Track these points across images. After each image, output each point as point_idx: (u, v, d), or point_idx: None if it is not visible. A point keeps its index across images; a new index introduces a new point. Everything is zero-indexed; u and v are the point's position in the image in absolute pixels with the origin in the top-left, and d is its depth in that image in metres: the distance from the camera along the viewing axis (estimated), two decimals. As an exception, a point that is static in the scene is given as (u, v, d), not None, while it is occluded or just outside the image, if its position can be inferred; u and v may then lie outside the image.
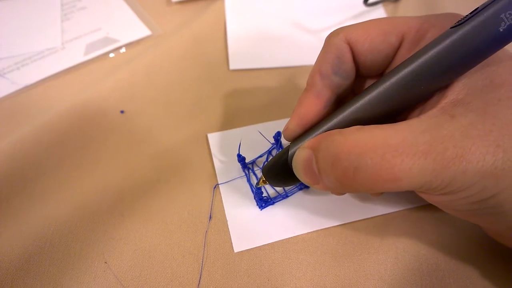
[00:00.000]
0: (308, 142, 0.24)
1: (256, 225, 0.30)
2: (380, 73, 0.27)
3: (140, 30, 0.46)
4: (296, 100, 0.38)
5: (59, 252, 0.29)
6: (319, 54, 0.27)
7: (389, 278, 0.28)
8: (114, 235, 0.30)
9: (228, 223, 0.30)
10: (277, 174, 0.28)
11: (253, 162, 0.34)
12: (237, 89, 0.40)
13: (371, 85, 0.23)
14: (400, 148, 0.19)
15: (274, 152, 0.34)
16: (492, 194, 0.20)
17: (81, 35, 0.45)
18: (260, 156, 0.34)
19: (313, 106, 0.26)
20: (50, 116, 0.36)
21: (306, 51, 0.44)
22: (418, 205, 0.31)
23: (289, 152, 0.26)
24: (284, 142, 0.35)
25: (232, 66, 0.42)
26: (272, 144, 0.34)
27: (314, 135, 0.25)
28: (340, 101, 0.27)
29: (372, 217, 0.31)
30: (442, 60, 0.20)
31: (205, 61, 0.43)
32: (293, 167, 0.25)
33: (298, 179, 0.25)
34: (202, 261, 0.29)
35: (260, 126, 0.36)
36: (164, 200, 0.32)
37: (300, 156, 0.24)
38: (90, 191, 0.32)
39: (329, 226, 0.30)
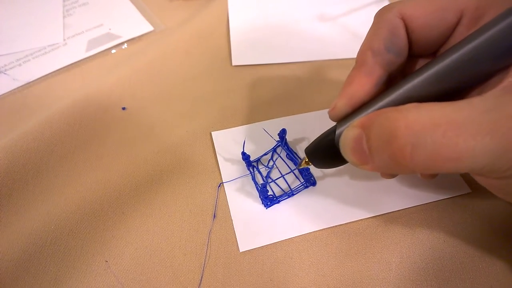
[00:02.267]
0: (358, 121, 0.22)
1: (262, 224, 0.30)
2: (433, 53, 0.26)
3: (142, 26, 0.46)
4: (300, 96, 0.38)
5: (60, 250, 0.29)
6: (369, 31, 0.25)
7: (393, 278, 0.27)
8: (115, 234, 0.30)
9: (233, 222, 0.30)
10: (322, 155, 0.27)
11: (258, 160, 0.33)
12: (240, 85, 0.40)
13: (429, 62, 0.22)
14: (463, 126, 0.18)
15: (279, 150, 0.34)
16: None
17: (83, 31, 0.45)
18: (265, 154, 0.33)
19: (363, 85, 0.24)
20: (51, 113, 0.36)
21: (310, 47, 0.43)
22: (423, 203, 0.31)
23: (336, 132, 0.25)
24: (289, 140, 0.34)
25: (235, 62, 0.42)
26: (277, 141, 0.34)
27: (364, 114, 0.24)
28: (389, 82, 0.26)
29: (376, 216, 0.30)
30: (505, 39, 0.19)
31: (207, 57, 0.43)
32: (340, 147, 0.24)
33: (344, 160, 0.24)
34: (205, 261, 0.28)
35: (264, 124, 0.36)
36: (166, 199, 0.32)
37: (349, 135, 0.22)
38: (92, 189, 0.32)
39: (333, 225, 0.30)
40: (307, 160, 0.28)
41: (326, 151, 0.26)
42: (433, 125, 0.19)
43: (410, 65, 0.27)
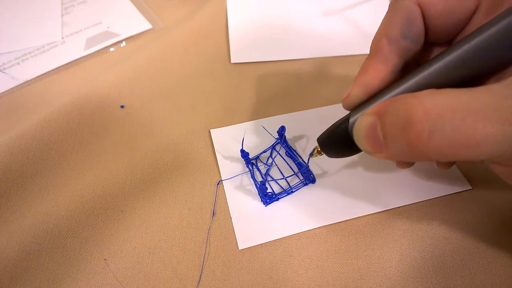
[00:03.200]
0: (373, 108, 0.22)
1: (261, 222, 0.30)
2: (449, 41, 0.26)
3: (141, 24, 0.45)
4: (299, 94, 0.38)
5: (59, 248, 0.29)
6: (384, 18, 0.25)
7: (394, 275, 0.27)
8: (113, 232, 0.30)
9: (232, 220, 0.30)
10: (334, 144, 0.26)
11: (257, 158, 0.33)
12: (239, 83, 0.40)
13: (447, 49, 0.22)
14: (482, 113, 0.18)
15: (278, 147, 0.34)
16: None
17: (81, 29, 0.45)
18: (264, 152, 0.33)
19: (378, 73, 0.24)
20: (50, 111, 0.35)
21: (309, 44, 0.43)
22: (423, 200, 0.31)
23: (350, 120, 0.25)
24: (288, 137, 0.34)
25: (234, 59, 0.42)
26: (276, 139, 0.34)
27: (378, 102, 0.23)
28: (404, 71, 0.26)
29: (376, 213, 0.30)
30: None
31: (206, 54, 0.42)
32: (354, 135, 0.23)
33: (357, 149, 0.24)
34: (204, 259, 0.28)
35: (263, 121, 0.36)
36: (165, 197, 0.31)
37: (363, 123, 0.22)
38: (90, 187, 0.32)
39: (333, 222, 0.30)
40: (319, 149, 0.28)
41: (339, 140, 0.26)
42: (452, 111, 0.18)
43: (425, 53, 0.27)
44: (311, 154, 0.29)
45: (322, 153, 0.28)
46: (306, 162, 0.30)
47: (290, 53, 0.42)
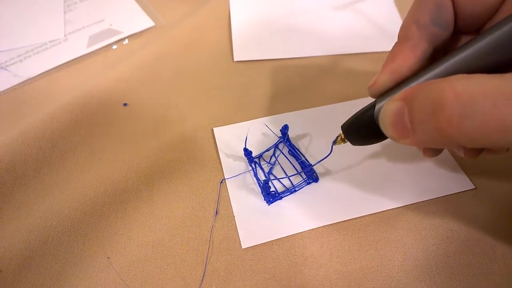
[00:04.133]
0: (400, 94, 0.22)
1: (264, 221, 0.30)
2: (476, 29, 0.26)
3: (143, 21, 0.45)
4: (302, 92, 0.38)
5: (62, 246, 0.29)
6: (413, 4, 0.25)
7: (397, 274, 0.27)
8: (117, 230, 0.30)
9: (236, 218, 0.30)
10: (359, 131, 0.26)
11: (260, 156, 0.33)
12: (242, 81, 0.40)
13: (475, 37, 0.22)
14: None
15: (281, 146, 0.34)
16: None
17: (84, 27, 0.45)
18: (267, 150, 0.33)
19: (408, 59, 0.24)
20: (53, 109, 0.35)
21: (312, 42, 0.43)
22: (426, 199, 0.31)
23: (376, 107, 0.24)
24: (292, 136, 0.34)
25: (237, 57, 0.41)
26: (279, 137, 0.34)
27: (406, 88, 0.23)
28: (431, 59, 0.25)
29: (379, 212, 0.30)
30: None
31: (209, 52, 0.42)
32: (380, 121, 0.23)
33: (382, 136, 0.24)
34: (207, 257, 0.28)
35: (266, 120, 0.36)
36: (168, 195, 0.31)
37: (390, 109, 0.22)
38: (93, 185, 0.32)
39: (336, 221, 0.30)
40: (343, 137, 0.28)
41: (364, 127, 0.25)
42: (483, 95, 0.18)
43: (453, 42, 0.27)
44: (334, 142, 0.29)
45: (346, 140, 0.28)
46: (330, 150, 0.30)
47: (293, 51, 0.42)
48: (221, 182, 0.32)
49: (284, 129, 0.32)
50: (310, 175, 0.31)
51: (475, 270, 0.27)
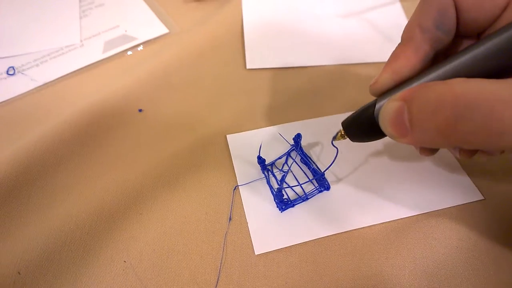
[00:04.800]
0: (400, 94, 0.23)
1: (277, 228, 0.30)
2: (478, 34, 0.27)
3: (158, 28, 0.46)
4: (314, 101, 0.39)
5: (80, 250, 0.29)
6: (417, 8, 0.26)
7: (407, 283, 0.28)
8: (133, 234, 0.30)
9: (249, 225, 0.30)
10: (359, 128, 0.27)
11: (272, 164, 0.34)
12: (255, 89, 0.40)
13: (476, 42, 0.22)
14: (511, 102, 0.19)
15: (293, 154, 0.34)
16: None
17: (99, 33, 0.45)
18: (279, 158, 0.34)
19: (409, 60, 0.25)
20: (69, 114, 0.36)
21: (325, 51, 0.44)
22: (436, 209, 0.31)
23: (377, 105, 0.25)
24: (303, 144, 0.35)
25: (249, 65, 0.42)
26: (291, 145, 0.34)
27: (406, 88, 0.24)
28: (434, 61, 0.26)
29: (390, 221, 0.31)
30: None
31: (222, 59, 0.43)
32: (379, 119, 0.24)
33: (381, 134, 0.25)
34: (221, 263, 0.29)
35: (279, 127, 0.36)
36: (182, 201, 0.32)
37: (390, 108, 0.23)
38: (110, 189, 0.32)
39: (347, 229, 0.30)
40: (343, 133, 0.29)
41: (364, 124, 0.26)
42: (481, 99, 0.19)
43: (455, 46, 0.28)
44: (334, 138, 0.30)
45: (346, 137, 0.29)
46: (332, 144, 0.30)
47: (305, 60, 0.43)
48: (235, 188, 0.32)
49: (297, 137, 0.33)
50: (322, 183, 0.32)
51: (484, 279, 0.28)
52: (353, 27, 0.46)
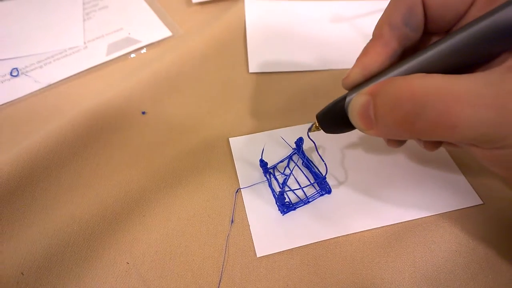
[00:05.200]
0: (368, 88, 0.24)
1: (279, 230, 0.31)
2: (446, 31, 0.27)
3: (161, 31, 0.46)
4: (316, 104, 0.39)
5: (83, 251, 0.30)
6: (388, 6, 0.27)
7: (406, 286, 0.28)
8: (136, 236, 0.30)
9: (251, 227, 0.31)
10: (331, 120, 0.28)
11: (274, 167, 0.34)
12: (257, 93, 0.41)
13: (440, 39, 0.23)
14: (463, 97, 0.20)
15: (295, 158, 0.35)
16: None
17: (103, 35, 0.46)
18: (281, 161, 0.34)
19: (378, 56, 0.26)
20: (73, 116, 0.36)
21: (327, 55, 0.44)
22: (436, 213, 0.31)
23: (347, 99, 0.26)
24: (305, 147, 0.35)
25: (252, 69, 0.42)
26: (294, 149, 0.35)
27: (374, 83, 0.25)
28: (403, 57, 0.27)
29: (390, 225, 0.31)
30: (510, 23, 0.20)
31: (225, 63, 0.43)
32: (348, 112, 0.25)
33: (351, 126, 0.26)
34: (223, 265, 0.29)
35: (281, 131, 0.37)
36: (185, 203, 0.32)
37: (357, 102, 0.24)
38: (113, 191, 0.33)
39: (348, 233, 0.30)
40: (317, 125, 0.30)
41: (336, 117, 0.27)
42: (436, 94, 0.20)
43: (424, 42, 0.28)
44: (310, 129, 0.31)
45: (320, 128, 0.30)
46: (308, 136, 0.32)
47: (309, 64, 0.43)
48: (237, 191, 0.33)
49: (299, 141, 0.33)
50: (323, 187, 0.32)
51: (483, 283, 0.28)
52: (356, 32, 0.47)
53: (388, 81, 0.22)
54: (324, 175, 0.32)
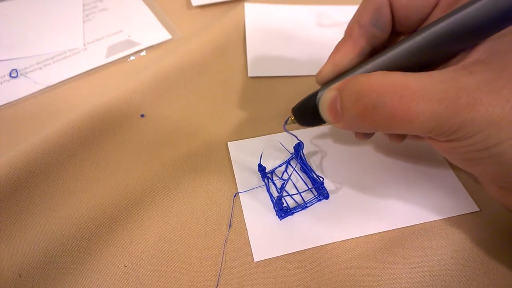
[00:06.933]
0: (336, 84, 0.26)
1: (276, 235, 0.31)
2: (413, 31, 0.28)
3: (161, 34, 0.46)
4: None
5: (80, 253, 0.30)
6: (359, 6, 0.28)
7: (403, 292, 0.28)
8: (133, 239, 0.30)
9: (248, 232, 0.31)
10: (305, 114, 0.30)
11: (273, 172, 0.34)
12: (256, 97, 0.41)
13: (402, 39, 0.25)
14: (418, 93, 0.21)
15: (293, 162, 0.35)
16: (496, 143, 0.21)
17: (102, 37, 0.46)
18: (279, 166, 0.34)
19: (348, 54, 0.27)
20: (72, 118, 0.36)
21: (325, 60, 0.44)
22: (433, 220, 0.32)
23: (318, 94, 0.28)
24: (304, 152, 0.35)
25: (251, 73, 0.43)
26: (292, 154, 0.35)
27: (343, 79, 0.27)
28: (372, 54, 0.28)
29: (387, 231, 0.31)
30: (470, 22, 0.22)
31: (224, 67, 0.44)
32: (319, 106, 0.27)
33: (322, 119, 0.27)
34: (220, 269, 0.29)
35: (279, 136, 0.37)
36: (183, 206, 0.32)
37: (327, 96, 0.26)
38: (111, 193, 0.33)
39: (345, 238, 0.31)
40: (293, 118, 0.31)
41: (309, 111, 0.29)
42: (393, 89, 0.22)
43: (393, 41, 0.30)
44: (286, 122, 0.32)
45: (295, 122, 0.31)
46: (284, 129, 0.33)
47: (308, 69, 0.43)
48: (235, 195, 0.33)
49: (297, 146, 0.34)
50: (321, 192, 0.32)
51: (478, 290, 0.29)
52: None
53: (353, 78, 0.24)
54: (321, 180, 0.32)
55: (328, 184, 0.33)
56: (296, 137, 0.34)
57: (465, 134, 0.22)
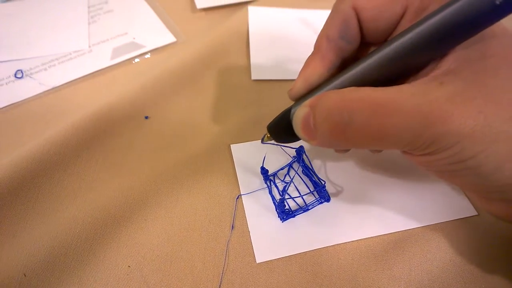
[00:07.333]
0: (308, 101, 0.25)
1: (278, 237, 0.31)
2: (383, 41, 0.28)
3: (165, 36, 0.47)
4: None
5: (84, 253, 0.30)
6: (327, 19, 0.28)
7: (402, 295, 0.29)
8: (137, 240, 0.31)
9: (251, 233, 0.31)
10: (280, 131, 0.30)
11: (275, 175, 0.35)
12: (259, 100, 0.41)
13: (371, 52, 0.24)
14: (389, 108, 0.21)
15: (295, 165, 0.35)
16: (471, 156, 0.21)
17: (108, 39, 0.46)
18: (282, 169, 0.35)
19: (317, 68, 0.27)
20: (77, 119, 0.37)
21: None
22: (432, 223, 0.32)
23: (291, 110, 0.27)
24: (307, 156, 0.36)
25: (254, 76, 0.43)
26: (294, 157, 0.35)
27: (315, 95, 0.26)
28: (344, 66, 0.28)
29: (387, 234, 0.32)
30: (438, 30, 0.21)
31: (227, 69, 0.44)
32: (293, 123, 0.26)
33: (297, 136, 0.27)
34: (223, 270, 0.30)
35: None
36: (186, 208, 0.33)
37: (299, 113, 0.25)
38: (115, 194, 0.33)
39: (346, 241, 0.31)
40: (268, 136, 0.31)
41: (284, 127, 0.28)
42: (364, 105, 0.22)
43: (364, 51, 0.29)
44: (262, 140, 0.32)
45: (272, 139, 0.31)
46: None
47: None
48: (238, 197, 0.33)
49: (299, 150, 0.34)
50: (323, 195, 0.33)
51: (477, 294, 0.29)
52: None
53: (324, 94, 0.24)
54: (323, 183, 0.32)
55: (329, 187, 0.34)
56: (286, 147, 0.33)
57: (439, 148, 0.21)
